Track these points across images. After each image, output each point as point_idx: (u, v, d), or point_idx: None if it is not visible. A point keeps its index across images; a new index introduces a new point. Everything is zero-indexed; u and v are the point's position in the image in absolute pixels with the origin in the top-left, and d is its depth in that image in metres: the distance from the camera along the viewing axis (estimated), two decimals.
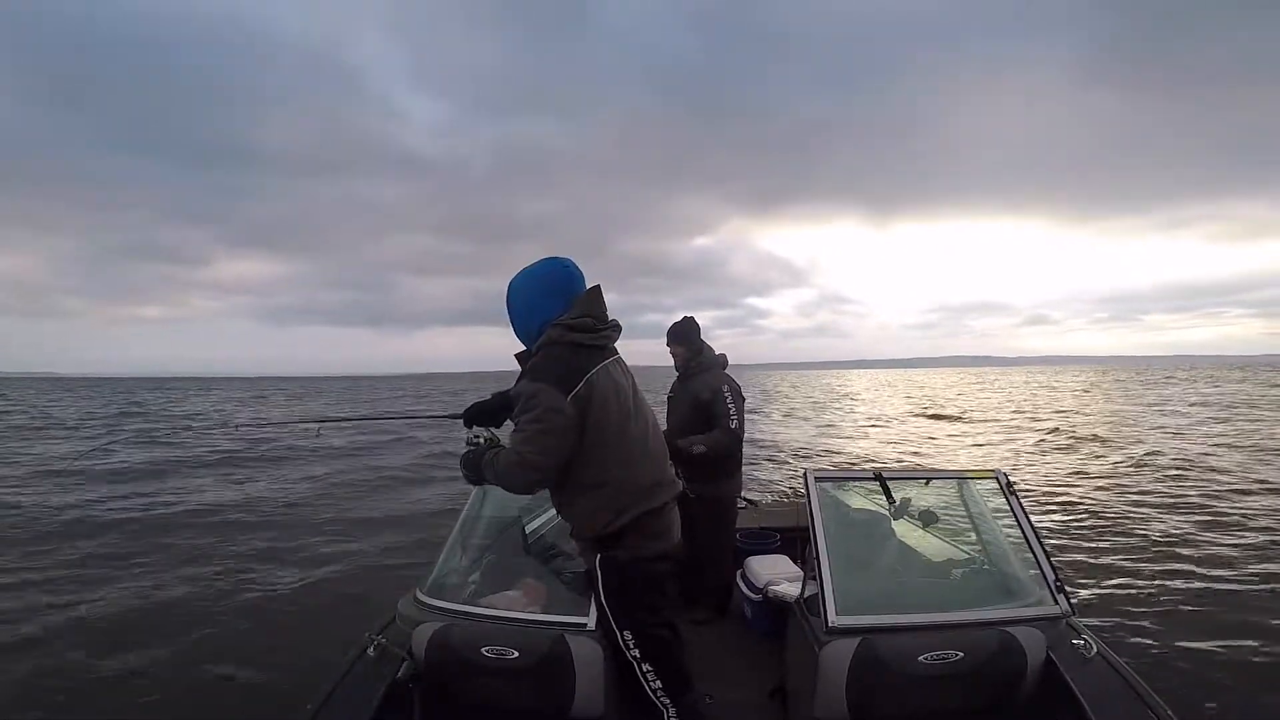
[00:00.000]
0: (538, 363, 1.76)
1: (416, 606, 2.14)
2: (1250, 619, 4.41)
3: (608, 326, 1.84)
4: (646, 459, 1.85)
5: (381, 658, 1.95)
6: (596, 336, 1.79)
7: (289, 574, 5.24)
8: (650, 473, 1.85)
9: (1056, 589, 2.08)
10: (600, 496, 1.78)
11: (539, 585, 2.28)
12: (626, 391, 1.85)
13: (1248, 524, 7.09)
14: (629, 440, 1.80)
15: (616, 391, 1.81)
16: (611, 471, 1.77)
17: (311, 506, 7.98)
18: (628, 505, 1.78)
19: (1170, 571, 5.48)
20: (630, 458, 1.80)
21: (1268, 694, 3.44)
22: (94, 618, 4.33)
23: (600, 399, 1.74)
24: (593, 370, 1.75)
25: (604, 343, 1.83)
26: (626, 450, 1.79)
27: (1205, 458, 11.18)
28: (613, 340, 1.87)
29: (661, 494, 1.85)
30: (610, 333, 1.85)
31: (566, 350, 1.75)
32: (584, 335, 1.77)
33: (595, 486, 1.78)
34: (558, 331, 1.76)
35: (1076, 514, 7.72)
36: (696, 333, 3.28)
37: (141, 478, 9.93)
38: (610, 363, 1.84)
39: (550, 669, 1.85)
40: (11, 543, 6.06)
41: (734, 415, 3.08)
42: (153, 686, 3.43)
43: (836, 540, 2.13)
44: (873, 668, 1.80)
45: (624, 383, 1.87)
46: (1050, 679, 1.86)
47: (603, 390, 1.75)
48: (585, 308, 1.80)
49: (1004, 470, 2.37)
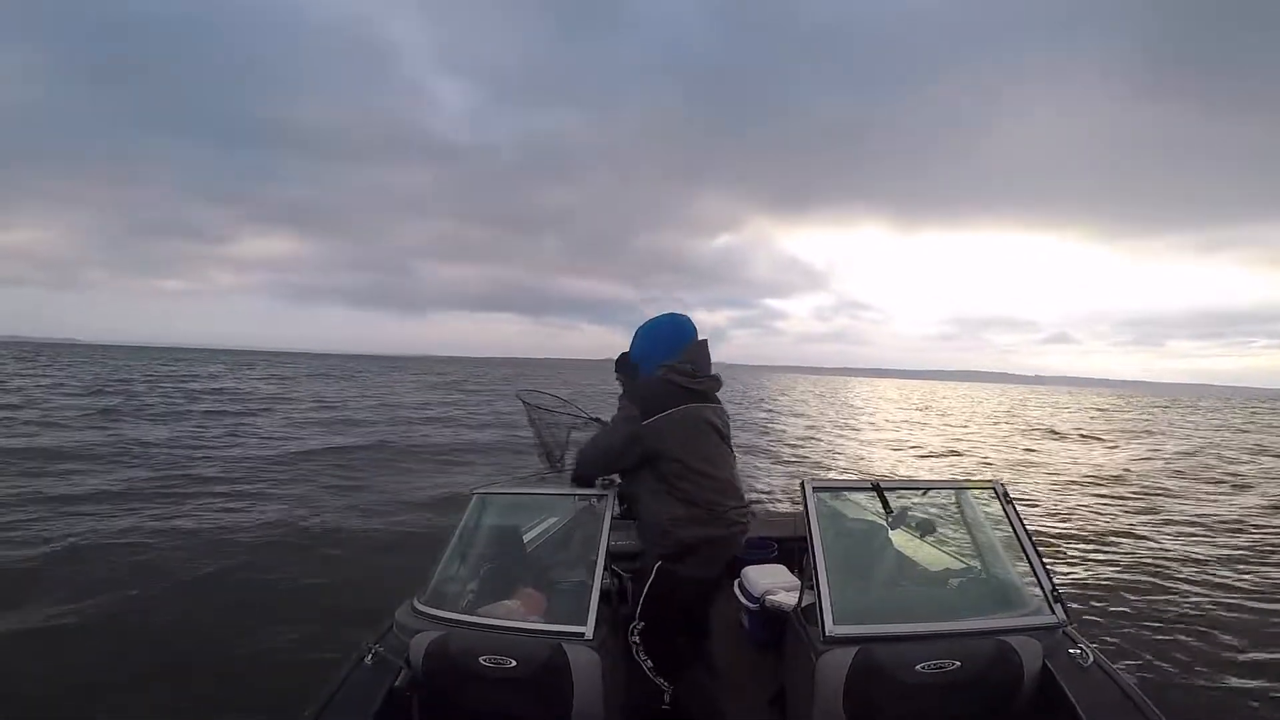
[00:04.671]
0: (639, 388, 2.23)
1: (414, 615, 2.13)
2: (1247, 630, 4.43)
3: (704, 375, 2.23)
4: (712, 493, 2.14)
5: (379, 666, 1.94)
6: (691, 380, 2.19)
7: (284, 579, 5.20)
8: (724, 503, 2.16)
9: (1053, 598, 2.08)
10: (674, 513, 2.11)
11: (537, 595, 2.28)
12: (709, 432, 2.20)
13: (1244, 535, 7.11)
14: (695, 473, 2.12)
15: (696, 428, 2.16)
16: (693, 496, 2.11)
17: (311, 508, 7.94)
18: (684, 529, 2.10)
19: (1167, 582, 5.50)
20: (698, 489, 2.12)
21: (1264, 706, 3.44)
22: (87, 616, 4.30)
23: (672, 430, 2.11)
24: (676, 407, 2.13)
25: (698, 387, 2.21)
26: (694, 481, 2.12)
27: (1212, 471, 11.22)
28: (710, 388, 2.25)
29: (715, 526, 2.13)
30: (706, 380, 2.23)
31: (661, 386, 2.17)
32: (680, 378, 2.18)
33: (671, 503, 2.12)
34: (663, 371, 2.20)
35: (1073, 524, 7.74)
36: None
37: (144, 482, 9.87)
38: (702, 406, 2.20)
39: (548, 678, 1.85)
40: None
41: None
42: (144, 696, 3.39)
43: (834, 550, 2.14)
44: (870, 677, 1.80)
45: (712, 423, 2.22)
46: (1047, 688, 1.86)
47: (680, 424, 2.12)
48: (690, 356, 2.22)
49: (1001, 481, 2.39)
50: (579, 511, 2.79)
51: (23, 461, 9.61)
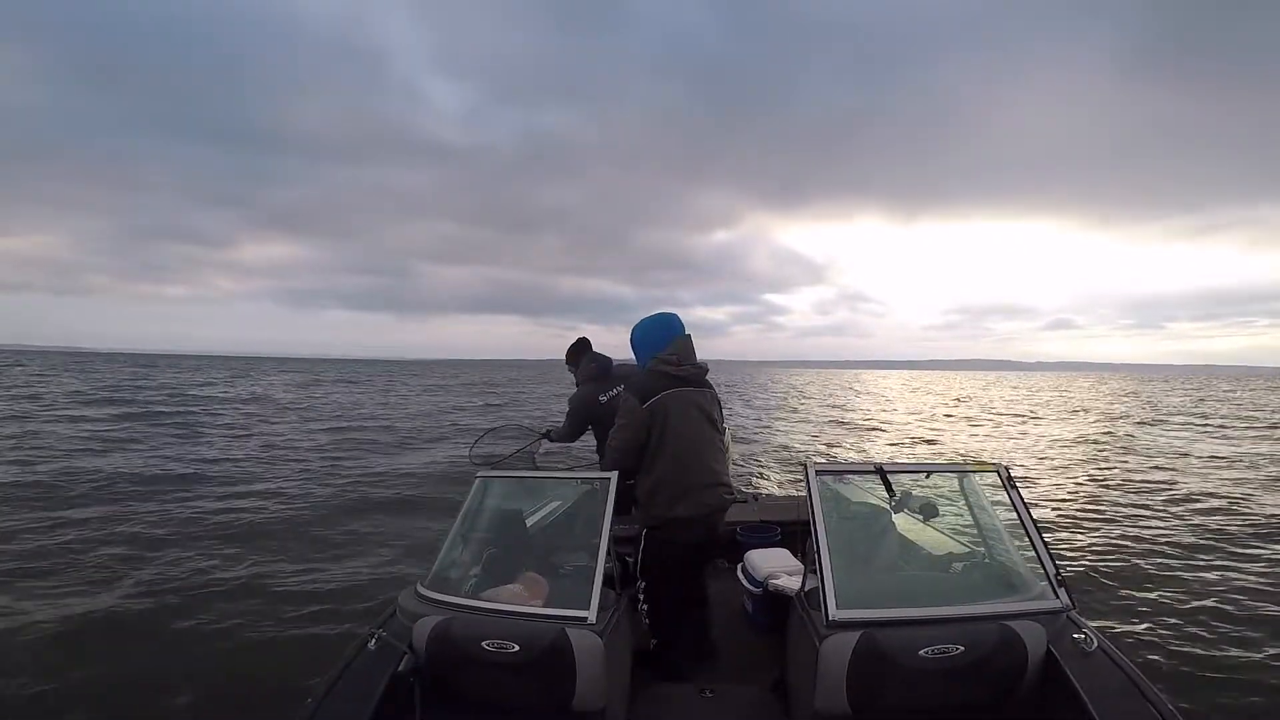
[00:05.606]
0: (635, 380, 2.65)
1: (417, 600, 2.14)
2: (1253, 614, 4.42)
3: (688, 364, 2.63)
4: (700, 470, 2.57)
5: (382, 651, 1.95)
6: (677, 368, 2.60)
7: (288, 566, 5.25)
8: (696, 479, 2.56)
9: (1057, 583, 2.07)
10: (653, 484, 2.56)
11: (540, 579, 2.28)
12: (697, 414, 2.60)
13: (1251, 522, 7.09)
14: (683, 449, 2.54)
15: (686, 411, 2.57)
16: (669, 471, 2.53)
17: (317, 493, 8.00)
18: (677, 499, 2.53)
19: (1171, 567, 5.49)
20: (685, 466, 2.54)
21: (1269, 691, 3.44)
22: (90, 606, 4.34)
23: (664, 412, 2.52)
24: (666, 391, 2.54)
25: (682, 373, 2.60)
26: (681, 457, 2.54)
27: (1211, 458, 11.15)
28: (693, 374, 2.63)
29: (705, 497, 2.58)
30: (689, 368, 2.62)
31: (652, 376, 2.59)
32: (668, 367, 2.59)
33: (650, 476, 2.56)
34: (653, 363, 2.62)
35: (1078, 508, 7.73)
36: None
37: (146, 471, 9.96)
38: (692, 390, 2.61)
39: (551, 663, 1.85)
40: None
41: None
42: (151, 682, 3.43)
43: (837, 534, 2.13)
44: (873, 661, 1.80)
45: (699, 405, 2.62)
46: (1051, 673, 1.86)
47: (670, 406, 2.53)
48: (675, 348, 2.62)
49: (1005, 463, 2.37)
50: (582, 495, 2.79)
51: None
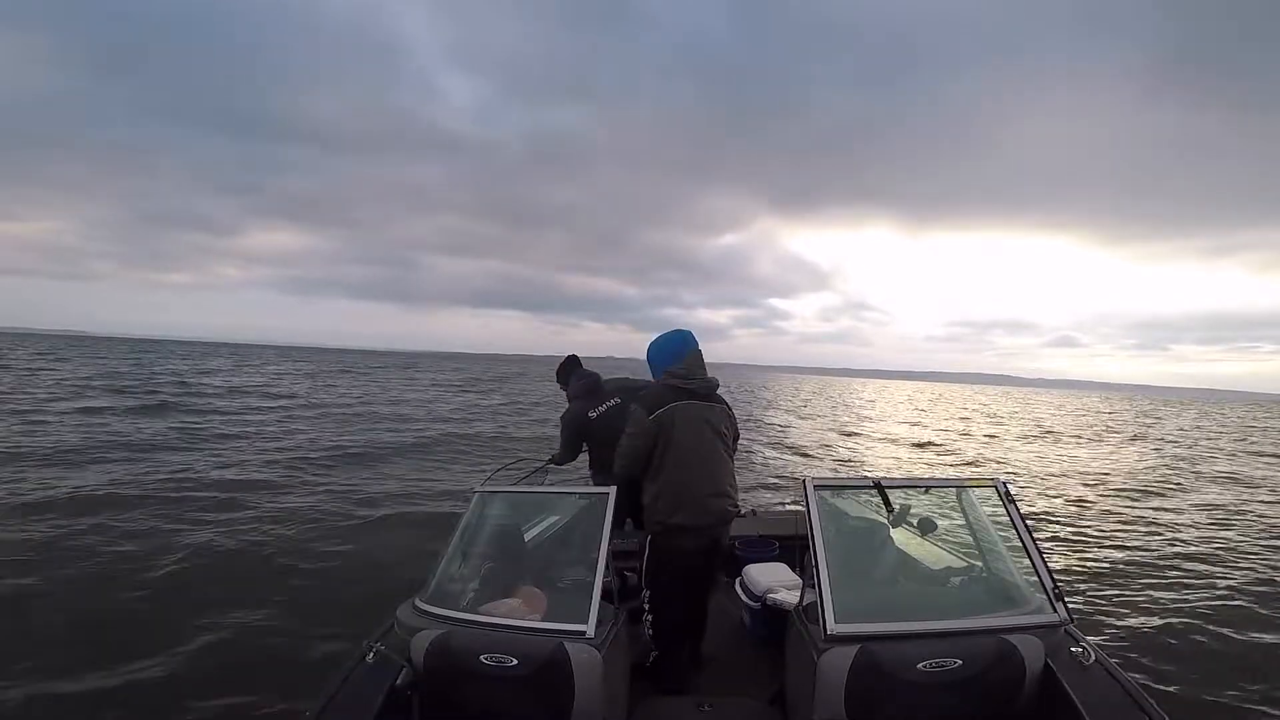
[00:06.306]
0: (644, 394, 2.75)
1: (416, 614, 2.14)
2: (1249, 630, 4.41)
3: (697, 379, 2.71)
4: (703, 480, 2.63)
5: (380, 664, 1.94)
6: (685, 382, 2.69)
7: (285, 579, 5.21)
8: (698, 488, 2.62)
9: (1055, 597, 2.08)
10: (656, 491, 2.63)
11: (538, 593, 2.28)
12: (703, 427, 2.67)
13: (1246, 536, 7.09)
14: (689, 461, 2.61)
15: (692, 423, 2.64)
16: (672, 479, 2.60)
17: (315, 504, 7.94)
18: (678, 508, 2.59)
19: (1169, 581, 5.49)
20: (688, 475, 2.61)
21: (1268, 706, 3.43)
22: (85, 615, 4.29)
23: (670, 423, 2.60)
24: (674, 403, 2.63)
25: (693, 388, 2.69)
26: (684, 466, 2.61)
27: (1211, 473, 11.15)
28: (701, 387, 2.70)
29: (707, 505, 2.63)
30: (698, 383, 2.70)
31: (662, 389, 2.70)
32: (677, 380, 2.69)
33: (654, 484, 2.64)
34: (664, 377, 2.74)
35: (1075, 523, 7.73)
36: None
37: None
38: (698, 404, 2.68)
39: (549, 677, 1.85)
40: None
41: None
42: (146, 695, 3.40)
43: (835, 548, 2.13)
44: (871, 675, 1.80)
45: (707, 419, 2.69)
46: (1048, 687, 1.86)
47: (677, 419, 2.61)
48: (686, 363, 2.72)
49: (1003, 479, 2.38)
50: (580, 509, 2.79)
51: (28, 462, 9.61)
